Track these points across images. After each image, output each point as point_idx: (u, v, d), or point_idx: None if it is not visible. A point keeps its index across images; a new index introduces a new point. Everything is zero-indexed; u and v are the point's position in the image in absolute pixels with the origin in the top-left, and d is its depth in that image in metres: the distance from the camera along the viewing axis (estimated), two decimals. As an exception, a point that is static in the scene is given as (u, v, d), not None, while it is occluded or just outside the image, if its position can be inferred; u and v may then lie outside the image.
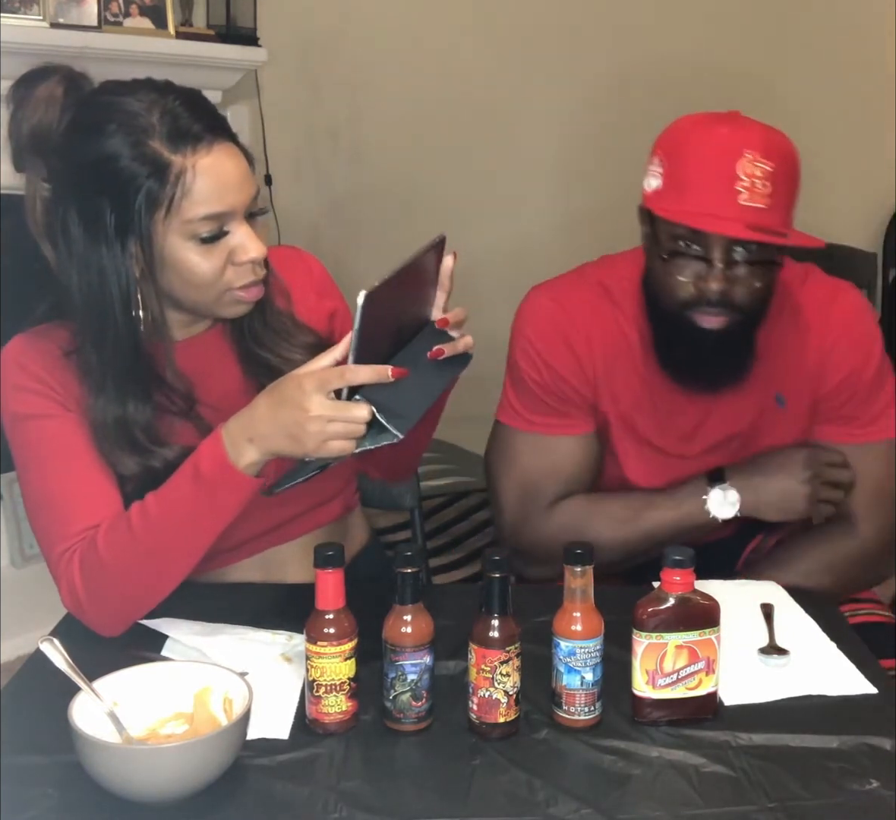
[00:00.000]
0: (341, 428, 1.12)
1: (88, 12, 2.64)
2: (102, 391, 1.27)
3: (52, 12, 2.57)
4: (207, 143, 1.21)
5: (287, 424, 1.15)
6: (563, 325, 1.50)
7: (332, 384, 1.12)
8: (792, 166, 1.35)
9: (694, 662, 1.11)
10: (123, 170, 1.19)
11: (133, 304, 1.25)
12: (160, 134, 1.19)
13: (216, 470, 1.19)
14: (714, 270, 1.34)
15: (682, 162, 1.34)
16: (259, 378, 1.37)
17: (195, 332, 1.38)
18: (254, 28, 3.12)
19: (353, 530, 1.57)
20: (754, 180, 1.30)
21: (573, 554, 1.09)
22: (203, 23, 3.08)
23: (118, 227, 1.21)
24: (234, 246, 1.24)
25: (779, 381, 1.49)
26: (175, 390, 1.32)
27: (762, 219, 1.31)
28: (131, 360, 1.27)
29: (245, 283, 1.27)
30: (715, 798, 1.01)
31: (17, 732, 1.10)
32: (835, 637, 1.30)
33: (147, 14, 2.78)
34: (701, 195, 1.32)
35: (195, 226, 1.22)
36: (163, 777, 0.98)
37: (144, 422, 1.28)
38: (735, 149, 1.31)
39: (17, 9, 2.53)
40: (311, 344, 1.39)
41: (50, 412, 1.29)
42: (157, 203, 1.20)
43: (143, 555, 1.23)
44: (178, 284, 1.26)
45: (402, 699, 1.10)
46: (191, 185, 1.20)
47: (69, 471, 1.28)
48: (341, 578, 1.10)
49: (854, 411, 1.49)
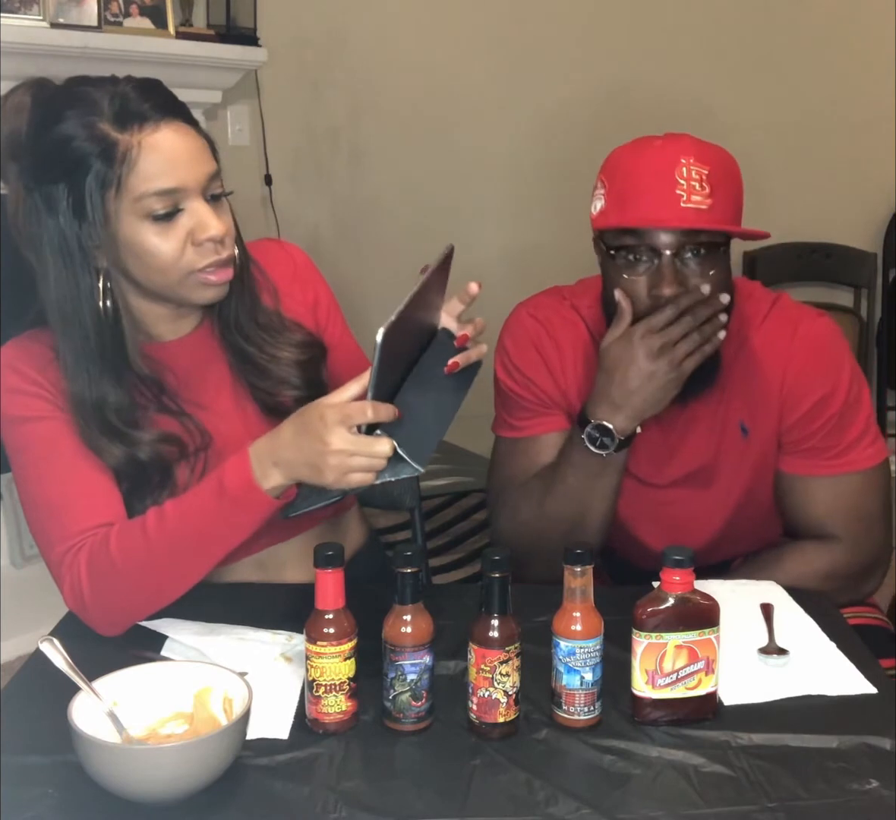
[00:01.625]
0: (363, 462, 1.13)
1: (88, 12, 2.64)
2: (74, 375, 1.28)
3: (52, 12, 2.58)
4: (154, 121, 1.22)
5: (309, 454, 1.15)
6: (537, 335, 1.54)
7: (354, 420, 1.12)
8: (728, 170, 1.37)
9: (693, 662, 1.11)
10: (75, 151, 1.21)
11: (96, 295, 1.26)
12: (108, 115, 1.21)
13: (241, 488, 1.19)
14: (664, 277, 1.35)
15: (622, 177, 1.37)
16: (247, 376, 1.38)
17: (184, 332, 1.38)
18: (254, 28, 3.13)
19: (351, 529, 1.57)
20: (692, 183, 1.32)
21: (573, 554, 1.09)
22: (203, 23, 3.08)
23: (75, 210, 1.22)
24: (192, 225, 1.24)
25: (743, 411, 1.49)
26: (143, 378, 1.32)
27: (704, 219, 1.33)
28: (98, 347, 1.27)
29: (208, 263, 1.26)
30: (715, 798, 1.01)
31: (17, 732, 1.11)
32: (835, 637, 1.30)
33: (147, 14, 2.79)
34: (642, 203, 1.34)
35: (147, 202, 1.22)
36: (163, 777, 0.98)
37: (117, 404, 1.29)
38: (671, 156, 1.34)
39: (17, 9, 2.53)
40: (298, 341, 1.40)
41: (45, 414, 1.29)
42: (107, 182, 1.21)
43: (155, 561, 1.23)
44: (140, 268, 1.26)
45: (402, 699, 1.10)
46: (136, 160, 1.21)
47: (67, 471, 1.28)
48: (341, 578, 1.10)
49: (824, 442, 1.47)
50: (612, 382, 1.38)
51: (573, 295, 1.57)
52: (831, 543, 1.49)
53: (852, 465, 1.48)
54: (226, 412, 1.38)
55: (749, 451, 1.50)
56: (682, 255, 1.35)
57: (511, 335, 1.57)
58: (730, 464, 1.52)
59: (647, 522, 1.56)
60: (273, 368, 1.37)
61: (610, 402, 1.39)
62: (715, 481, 1.53)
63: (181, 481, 1.33)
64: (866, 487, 1.49)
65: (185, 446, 1.34)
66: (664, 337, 1.35)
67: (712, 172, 1.34)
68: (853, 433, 1.47)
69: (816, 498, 1.49)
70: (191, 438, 1.34)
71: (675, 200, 1.32)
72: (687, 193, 1.32)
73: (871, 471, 1.49)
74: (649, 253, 1.36)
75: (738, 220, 1.38)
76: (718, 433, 1.50)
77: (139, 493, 1.31)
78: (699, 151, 1.35)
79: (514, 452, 1.56)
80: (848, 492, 1.48)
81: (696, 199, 1.32)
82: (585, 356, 1.53)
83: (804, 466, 1.49)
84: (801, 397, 1.46)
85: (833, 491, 1.48)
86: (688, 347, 1.36)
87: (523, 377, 1.54)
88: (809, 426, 1.46)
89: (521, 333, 1.56)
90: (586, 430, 1.41)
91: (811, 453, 1.48)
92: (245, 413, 1.38)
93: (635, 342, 1.36)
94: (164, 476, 1.32)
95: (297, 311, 1.44)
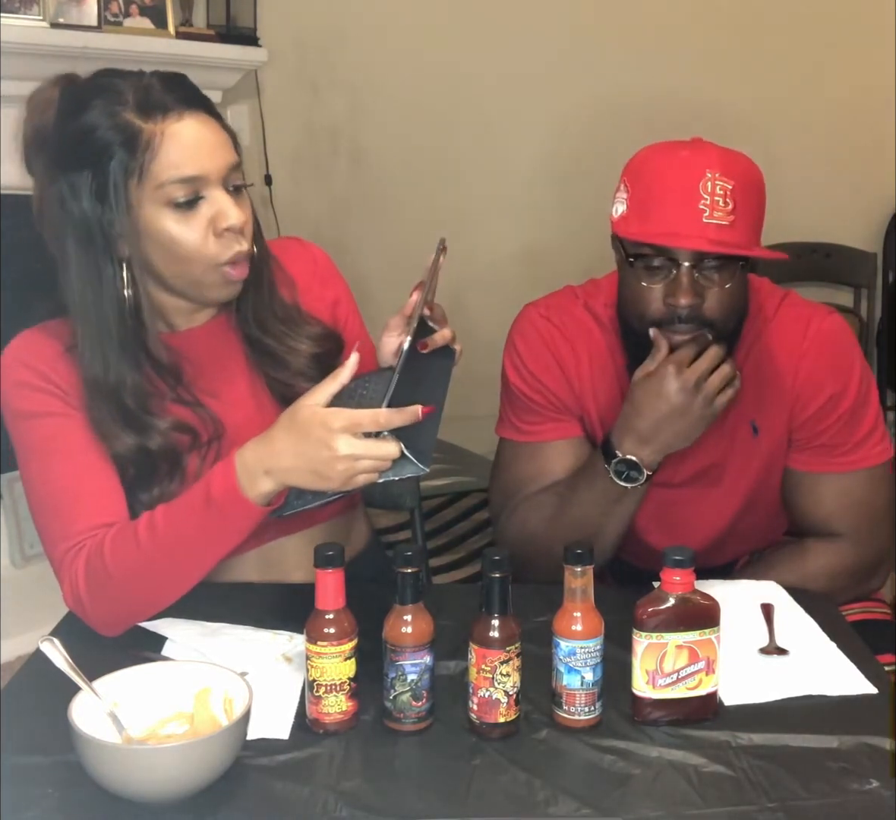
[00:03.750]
0: (370, 465, 1.13)
1: (88, 12, 2.64)
2: (92, 361, 1.28)
3: (52, 12, 2.58)
4: (178, 112, 1.24)
5: (313, 462, 1.14)
6: (552, 339, 1.52)
7: (364, 428, 1.12)
8: (753, 184, 1.36)
9: (694, 662, 1.11)
10: (99, 140, 1.23)
11: (119, 284, 1.26)
12: (132, 105, 1.23)
13: (227, 497, 1.19)
14: (681, 287, 1.34)
15: (646, 185, 1.36)
16: (263, 367, 1.38)
17: (199, 322, 1.39)
18: (254, 28, 3.13)
19: (355, 529, 1.57)
20: (716, 198, 1.31)
21: (573, 554, 1.09)
22: (203, 23, 3.08)
23: (99, 197, 1.23)
24: (213, 214, 1.25)
25: (754, 410, 1.48)
26: (160, 367, 1.32)
27: (724, 235, 1.32)
28: (118, 335, 1.28)
29: (232, 256, 1.27)
30: (715, 798, 1.01)
31: (17, 732, 1.10)
32: (835, 637, 1.30)
33: (147, 14, 2.79)
34: (664, 215, 1.33)
35: (168, 190, 1.23)
36: (163, 777, 0.98)
37: (134, 388, 1.29)
38: (696, 169, 1.32)
39: (17, 9, 2.53)
40: (316, 334, 1.40)
41: (53, 410, 1.29)
42: (130, 170, 1.22)
43: (147, 567, 1.23)
44: (164, 258, 1.27)
45: (402, 699, 1.10)
46: (159, 148, 1.22)
47: (72, 469, 1.28)
48: (341, 578, 1.10)
49: (834, 439, 1.47)
50: (641, 416, 1.37)
51: (587, 294, 1.55)
52: (838, 541, 1.49)
53: (861, 462, 1.48)
54: (240, 402, 1.38)
55: (759, 449, 1.50)
56: (700, 266, 1.35)
57: (523, 337, 1.54)
58: (739, 462, 1.51)
59: (653, 521, 1.55)
60: (290, 360, 1.38)
61: (637, 436, 1.38)
62: (723, 480, 1.52)
63: (191, 470, 1.33)
64: (874, 484, 1.49)
65: (198, 436, 1.34)
66: (696, 372, 1.35)
67: (737, 187, 1.32)
68: (863, 431, 1.47)
69: (824, 495, 1.49)
70: (203, 428, 1.34)
71: (697, 215, 1.31)
72: (710, 209, 1.31)
73: (878, 468, 1.49)
74: (668, 263, 1.35)
75: (758, 236, 1.37)
76: (729, 432, 1.49)
77: (145, 482, 1.31)
78: (725, 164, 1.33)
79: (521, 457, 1.54)
80: (856, 489, 1.48)
81: (719, 215, 1.31)
82: (601, 361, 1.52)
83: (813, 464, 1.49)
84: (812, 395, 1.46)
85: (841, 488, 1.48)
86: (720, 381, 1.36)
87: (537, 382, 1.52)
88: (820, 424, 1.46)
89: (534, 336, 1.53)
90: (612, 463, 1.40)
91: (821, 451, 1.48)
92: (260, 403, 1.39)
93: (669, 376, 1.35)
94: (172, 466, 1.32)
95: (315, 307, 1.45)
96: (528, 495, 1.51)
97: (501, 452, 1.58)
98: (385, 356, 1.29)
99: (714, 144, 1.38)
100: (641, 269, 1.37)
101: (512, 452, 1.56)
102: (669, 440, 1.37)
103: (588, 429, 1.53)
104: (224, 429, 1.35)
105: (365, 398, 1.19)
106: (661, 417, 1.36)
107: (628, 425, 1.39)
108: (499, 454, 1.59)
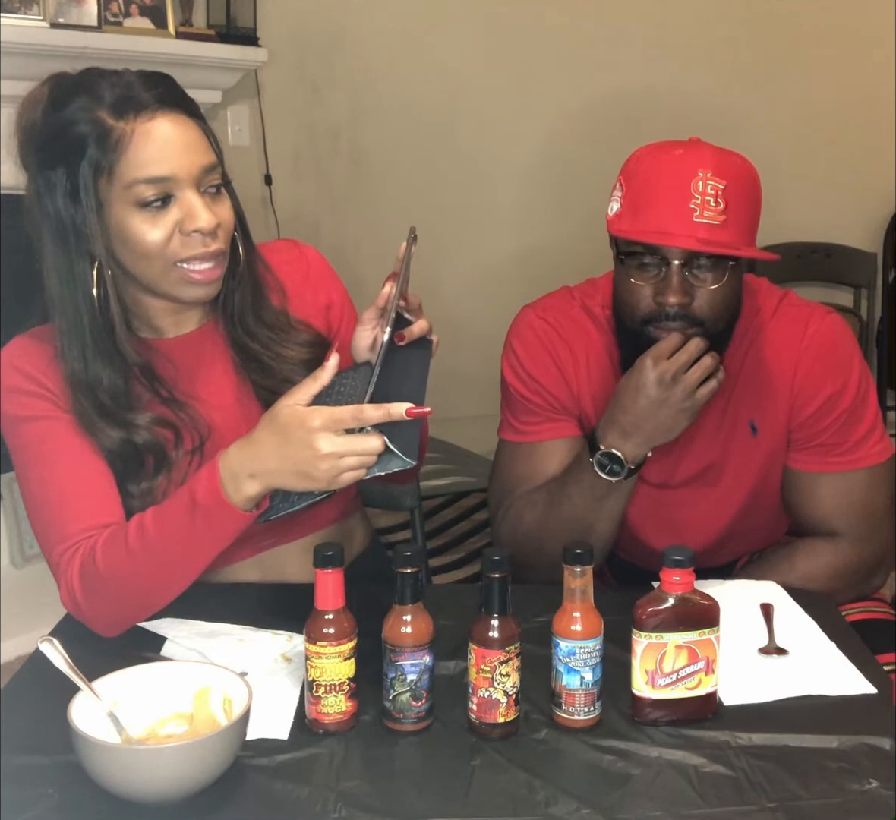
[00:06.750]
0: (355, 461, 1.12)
1: (88, 12, 2.64)
2: (69, 357, 1.28)
3: (52, 12, 2.58)
4: (151, 110, 1.22)
5: (297, 463, 1.13)
6: (549, 340, 1.52)
7: (344, 425, 1.11)
8: (746, 185, 1.36)
9: (693, 662, 1.11)
10: (73, 137, 1.22)
11: (90, 281, 1.26)
12: (108, 103, 1.22)
13: (211, 502, 1.18)
14: (670, 285, 1.35)
15: (639, 183, 1.36)
16: (250, 373, 1.37)
17: (189, 329, 1.38)
18: (254, 28, 3.13)
19: (355, 533, 1.56)
20: (707, 198, 1.31)
21: (572, 554, 1.09)
22: (203, 23, 3.08)
23: (72, 195, 1.23)
24: (182, 215, 1.24)
25: (753, 410, 1.48)
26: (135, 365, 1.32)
27: (715, 234, 1.32)
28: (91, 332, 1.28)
29: (192, 255, 1.25)
30: (715, 798, 1.01)
31: (17, 732, 1.10)
32: (834, 637, 1.30)
33: (147, 14, 2.79)
34: (655, 214, 1.34)
35: (137, 190, 1.22)
36: (163, 777, 0.98)
37: (110, 386, 1.29)
38: (688, 168, 1.33)
39: (17, 9, 2.53)
40: (305, 340, 1.39)
41: (47, 414, 1.30)
42: (100, 168, 1.22)
43: (137, 571, 1.23)
44: (127, 256, 1.26)
45: (402, 699, 1.10)
46: (128, 147, 1.21)
47: (67, 472, 1.29)
48: (341, 578, 1.10)
49: (833, 439, 1.47)
50: (622, 409, 1.37)
51: (584, 294, 1.55)
52: (838, 540, 1.49)
53: (861, 461, 1.48)
54: (225, 406, 1.37)
55: (758, 449, 1.50)
56: (691, 265, 1.35)
57: (520, 338, 1.54)
58: (738, 462, 1.51)
59: (653, 522, 1.55)
60: (277, 366, 1.37)
61: (620, 430, 1.38)
62: (722, 480, 1.52)
63: (178, 472, 1.33)
64: (874, 483, 1.49)
65: (180, 432, 1.33)
66: (675, 364, 1.34)
67: (729, 187, 1.32)
68: (862, 430, 1.47)
69: (824, 495, 1.49)
70: (185, 426, 1.34)
71: (688, 214, 1.31)
72: (701, 208, 1.31)
73: (878, 467, 1.49)
74: (658, 261, 1.35)
75: (751, 237, 1.37)
76: (727, 432, 1.50)
77: (134, 475, 1.31)
78: (718, 164, 1.33)
79: (518, 457, 1.54)
80: (856, 489, 1.48)
81: (710, 215, 1.31)
82: (599, 361, 1.52)
83: (813, 463, 1.49)
84: (811, 394, 1.46)
85: (841, 488, 1.48)
86: (701, 374, 1.35)
87: (535, 383, 1.52)
88: (820, 423, 1.46)
89: (531, 337, 1.53)
90: (596, 456, 1.40)
91: (820, 450, 1.48)
92: (246, 409, 1.38)
93: (646, 369, 1.35)
94: (158, 460, 1.32)
95: (306, 311, 1.43)
96: (522, 494, 1.52)
97: (500, 453, 1.59)
98: (359, 350, 1.28)
99: (709, 145, 1.38)
100: (633, 266, 1.38)
101: (510, 452, 1.56)
102: (651, 433, 1.37)
103: (585, 429, 1.53)
104: (209, 429, 1.35)
105: (343, 395, 1.17)
106: (640, 409, 1.36)
107: (612, 419, 1.40)
108: (497, 455, 1.60)
